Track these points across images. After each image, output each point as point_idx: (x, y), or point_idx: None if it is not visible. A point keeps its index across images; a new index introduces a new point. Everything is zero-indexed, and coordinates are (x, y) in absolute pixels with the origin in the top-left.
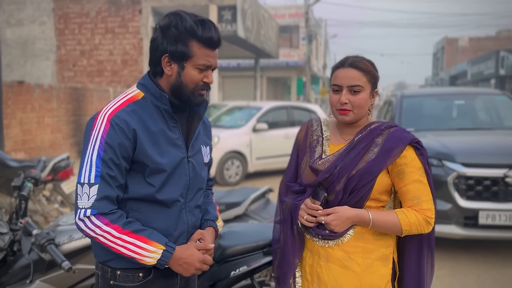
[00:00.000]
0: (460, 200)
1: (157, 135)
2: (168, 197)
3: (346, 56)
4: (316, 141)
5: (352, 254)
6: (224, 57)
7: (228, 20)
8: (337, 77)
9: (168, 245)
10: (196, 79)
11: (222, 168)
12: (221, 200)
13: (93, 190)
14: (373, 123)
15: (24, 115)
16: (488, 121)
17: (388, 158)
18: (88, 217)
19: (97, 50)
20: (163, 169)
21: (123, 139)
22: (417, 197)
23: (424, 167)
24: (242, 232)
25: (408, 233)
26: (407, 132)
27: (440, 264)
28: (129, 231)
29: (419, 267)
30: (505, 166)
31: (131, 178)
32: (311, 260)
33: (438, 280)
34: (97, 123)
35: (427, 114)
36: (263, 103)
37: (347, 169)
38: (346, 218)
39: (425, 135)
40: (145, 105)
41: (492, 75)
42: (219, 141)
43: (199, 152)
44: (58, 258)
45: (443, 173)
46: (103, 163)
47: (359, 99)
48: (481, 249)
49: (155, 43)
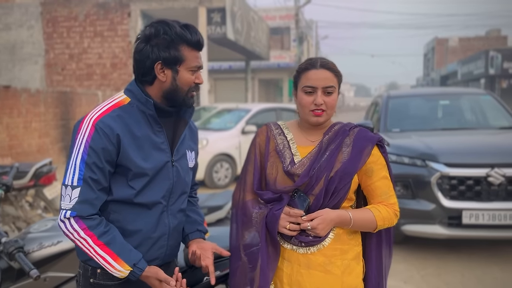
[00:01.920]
0: (444, 200)
1: (142, 139)
2: (148, 200)
3: (310, 58)
4: (282, 145)
5: (332, 258)
6: (214, 60)
7: (217, 23)
8: (309, 78)
9: (137, 266)
10: (190, 80)
11: (211, 170)
12: (204, 203)
13: (75, 192)
14: (336, 124)
15: (10, 120)
16: (472, 121)
17: (361, 158)
18: (68, 219)
19: (86, 53)
20: (146, 173)
21: (106, 144)
22: (385, 192)
23: (387, 164)
24: (216, 236)
25: (381, 228)
26: (370, 131)
27: (424, 264)
28: (102, 244)
29: (379, 259)
30: (487, 165)
31: (115, 181)
32: (289, 269)
33: (423, 280)
34: (82, 127)
35: (412, 114)
36: (252, 105)
37: (325, 171)
38: (330, 220)
39: (409, 135)
40: (131, 110)
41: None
42: (208, 143)
43: (184, 156)
44: (26, 266)
45: (426, 173)
46: (86, 166)
47: (333, 99)
48: (465, 249)
49: (144, 53)
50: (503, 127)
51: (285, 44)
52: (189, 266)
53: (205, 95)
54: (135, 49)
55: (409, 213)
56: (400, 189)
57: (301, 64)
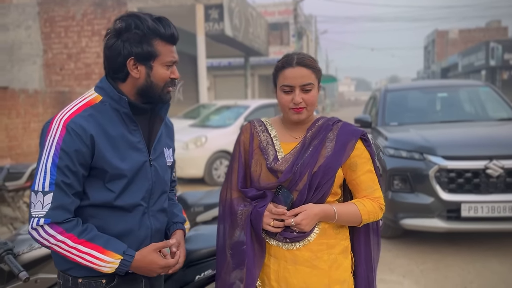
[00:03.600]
0: (442, 193)
1: (117, 139)
2: (128, 202)
3: (287, 54)
4: (265, 142)
5: (318, 252)
6: (213, 56)
7: (215, 19)
8: (286, 77)
9: (126, 253)
10: (165, 76)
11: (211, 168)
12: (200, 201)
13: (47, 198)
14: (319, 119)
15: (9, 121)
16: (471, 113)
17: (344, 152)
18: (41, 226)
19: (84, 53)
20: (124, 174)
21: (80, 145)
22: (370, 186)
23: (372, 158)
24: (208, 234)
25: (366, 222)
26: (353, 125)
27: (423, 258)
28: (85, 240)
29: (368, 253)
30: (485, 157)
31: (90, 185)
32: (276, 266)
33: (422, 274)
34: (52, 128)
35: (410, 107)
36: (250, 102)
37: (308, 166)
38: (314, 215)
39: (407, 129)
40: (103, 109)
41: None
42: (207, 141)
43: (162, 155)
44: (16, 269)
45: (424, 167)
46: (58, 170)
47: (312, 96)
48: (465, 242)
49: (115, 48)
50: (502, 119)
51: (284, 40)
52: None
53: (204, 92)
54: (105, 45)
55: (408, 206)
56: (398, 183)
57: (278, 62)
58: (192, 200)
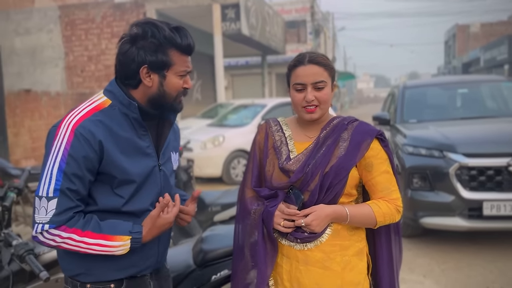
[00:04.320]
0: (463, 192)
1: (126, 144)
2: (137, 208)
3: (300, 53)
4: (279, 142)
5: (331, 254)
6: (230, 56)
7: (231, 19)
8: (298, 75)
9: (133, 232)
10: (178, 86)
11: (229, 167)
12: (217, 201)
13: (51, 204)
14: (335, 118)
15: (32, 123)
16: (493, 109)
17: (358, 152)
18: (46, 231)
19: (104, 55)
20: (133, 179)
21: (88, 151)
22: (386, 187)
23: (389, 158)
24: (224, 234)
25: (382, 224)
26: (369, 125)
27: (445, 257)
28: (89, 231)
29: (390, 255)
30: (508, 154)
31: (97, 190)
32: (288, 265)
33: (443, 274)
34: (60, 132)
35: (430, 104)
36: (267, 100)
37: (320, 166)
38: (325, 216)
39: (427, 126)
40: (112, 114)
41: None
42: (225, 140)
43: (169, 159)
44: (36, 269)
45: (444, 165)
46: (64, 176)
47: (325, 94)
48: (486, 241)
49: (129, 55)
50: None
51: (301, 38)
52: (197, 265)
53: (222, 91)
54: (119, 50)
55: (428, 205)
56: (418, 181)
57: (291, 61)
58: (209, 199)
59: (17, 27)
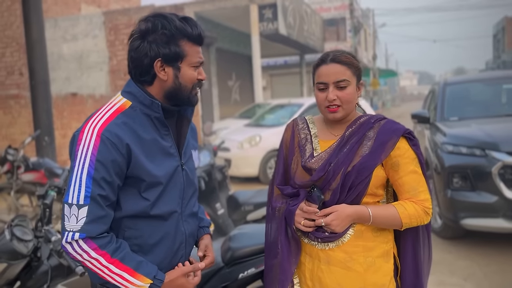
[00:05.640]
0: (507, 192)
1: (151, 146)
2: (164, 210)
3: (325, 52)
4: (304, 140)
5: (353, 254)
6: (268, 56)
7: (269, 19)
8: (321, 74)
9: (156, 278)
10: (193, 77)
11: (265, 167)
12: (250, 200)
13: (82, 211)
14: (362, 117)
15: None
16: None
17: (383, 151)
18: (76, 241)
19: None
20: (160, 181)
21: (116, 156)
22: (414, 188)
23: (418, 157)
24: (252, 233)
25: (408, 226)
26: (398, 123)
27: (487, 260)
28: (117, 260)
29: (416, 259)
30: None
31: (125, 195)
32: (310, 264)
33: (485, 278)
34: (84, 137)
35: (472, 101)
36: (304, 100)
37: (343, 165)
38: (346, 216)
39: (468, 124)
40: (134, 115)
41: None
42: (261, 140)
43: (191, 158)
44: (73, 263)
45: (487, 164)
46: (94, 182)
47: (347, 94)
48: None
49: (141, 50)
50: None
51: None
52: (225, 263)
53: (259, 91)
54: (130, 47)
55: (469, 206)
56: (458, 180)
57: (315, 60)
58: (242, 198)
59: (65, 33)
